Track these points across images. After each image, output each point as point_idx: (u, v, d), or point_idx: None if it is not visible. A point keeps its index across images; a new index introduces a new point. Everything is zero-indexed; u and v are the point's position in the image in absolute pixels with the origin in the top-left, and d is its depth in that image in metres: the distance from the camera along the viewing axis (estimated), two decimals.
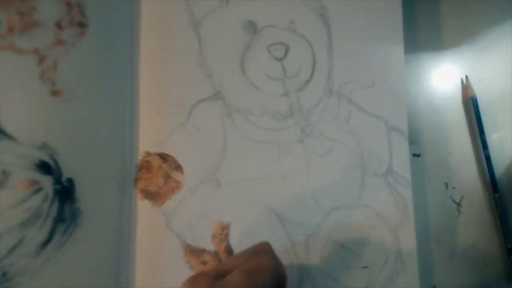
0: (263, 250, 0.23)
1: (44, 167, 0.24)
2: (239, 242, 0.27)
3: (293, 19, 0.29)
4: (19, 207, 0.23)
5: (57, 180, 0.24)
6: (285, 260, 0.27)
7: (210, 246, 0.27)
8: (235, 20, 0.29)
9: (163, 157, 0.27)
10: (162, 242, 0.26)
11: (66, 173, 0.25)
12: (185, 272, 0.26)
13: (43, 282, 0.23)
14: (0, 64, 0.24)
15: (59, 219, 0.24)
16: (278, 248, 0.27)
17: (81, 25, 0.26)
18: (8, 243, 0.23)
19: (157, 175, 0.27)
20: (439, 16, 0.32)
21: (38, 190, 0.24)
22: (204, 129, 0.28)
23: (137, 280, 0.26)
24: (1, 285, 0.23)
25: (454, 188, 0.31)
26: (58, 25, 0.25)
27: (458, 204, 0.31)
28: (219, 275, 0.21)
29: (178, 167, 0.27)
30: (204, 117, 0.28)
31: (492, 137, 0.31)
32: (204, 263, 0.26)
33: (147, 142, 0.27)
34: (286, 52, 0.29)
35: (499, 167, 0.31)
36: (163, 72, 0.28)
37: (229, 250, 0.26)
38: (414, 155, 0.31)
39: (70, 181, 0.25)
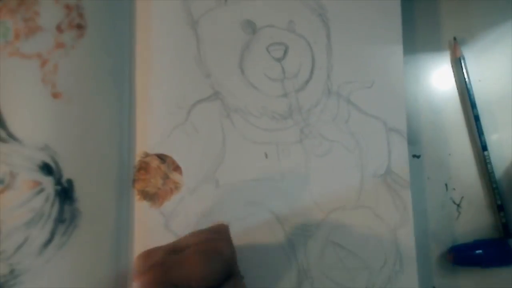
0: (220, 232, 0.23)
1: (46, 168, 0.25)
2: (238, 243, 0.26)
3: (292, 19, 0.30)
4: (24, 207, 0.24)
5: (58, 181, 0.25)
6: (283, 261, 0.27)
7: None
8: (234, 20, 0.29)
9: (162, 157, 0.27)
10: (160, 244, 0.26)
11: (66, 174, 0.25)
12: None
13: (44, 281, 0.24)
14: (7, 70, 0.25)
15: (59, 219, 0.25)
16: (276, 249, 0.27)
17: (80, 27, 0.26)
18: (15, 241, 0.24)
19: (156, 176, 0.27)
20: (438, 17, 0.32)
21: (41, 191, 0.25)
22: (203, 129, 0.28)
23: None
24: (9, 282, 0.24)
25: (454, 189, 0.31)
26: (59, 28, 0.26)
27: (458, 205, 0.31)
28: (173, 251, 0.21)
29: (177, 168, 0.27)
30: (203, 118, 0.28)
31: (492, 138, 0.31)
32: None
33: (146, 143, 0.27)
34: (285, 52, 0.29)
35: (498, 168, 0.31)
36: (161, 72, 0.28)
37: None
38: (414, 156, 0.31)
39: (70, 182, 0.25)
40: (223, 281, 0.22)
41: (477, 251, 0.29)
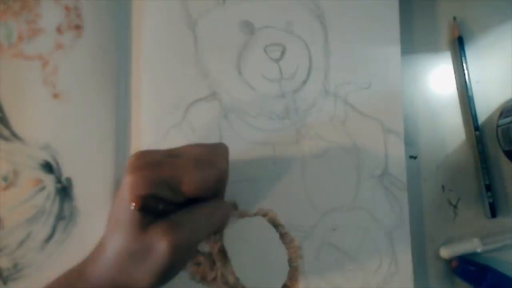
0: (219, 148, 0.25)
1: (47, 167, 0.27)
2: (234, 244, 0.28)
3: (290, 20, 0.31)
4: (26, 204, 0.27)
5: (58, 179, 0.27)
6: (279, 262, 0.28)
7: (203, 247, 0.28)
8: (232, 20, 0.30)
9: None
10: None
11: (65, 173, 0.27)
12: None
13: (46, 275, 0.26)
14: (11, 71, 0.27)
15: (60, 216, 0.27)
16: (272, 250, 0.29)
17: (78, 27, 0.28)
18: (19, 236, 0.26)
19: None
20: (436, 18, 0.33)
21: (42, 188, 0.27)
22: (200, 129, 0.29)
23: None
24: (13, 275, 0.26)
25: (450, 190, 0.32)
26: (58, 29, 0.28)
27: (455, 207, 0.32)
28: (169, 155, 0.23)
29: None
30: (200, 117, 0.29)
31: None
32: (197, 264, 0.27)
33: (143, 142, 0.29)
34: (283, 53, 0.30)
35: (492, 166, 0.32)
36: (159, 71, 0.29)
37: (223, 252, 0.28)
38: (410, 157, 0.32)
39: (69, 180, 0.27)
40: (211, 196, 0.23)
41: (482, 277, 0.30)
